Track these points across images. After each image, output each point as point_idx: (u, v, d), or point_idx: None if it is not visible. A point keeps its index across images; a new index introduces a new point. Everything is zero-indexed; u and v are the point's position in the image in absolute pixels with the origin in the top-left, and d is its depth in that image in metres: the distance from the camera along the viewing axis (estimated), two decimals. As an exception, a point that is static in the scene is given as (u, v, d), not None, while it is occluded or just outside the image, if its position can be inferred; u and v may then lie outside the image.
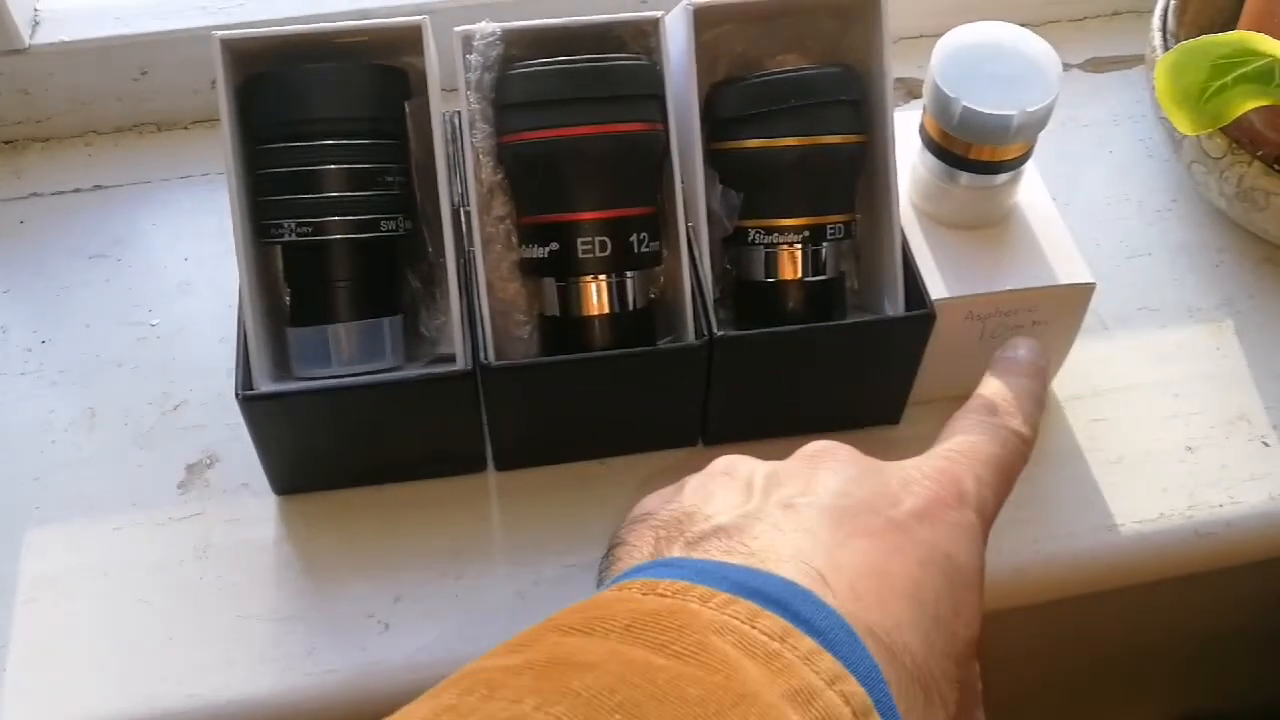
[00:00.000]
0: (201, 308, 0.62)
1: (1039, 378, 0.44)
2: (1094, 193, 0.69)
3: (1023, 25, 0.53)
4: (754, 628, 0.29)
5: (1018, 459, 0.40)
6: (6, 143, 0.68)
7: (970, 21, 0.53)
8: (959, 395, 0.57)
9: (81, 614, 0.51)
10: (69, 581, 0.52)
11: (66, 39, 0.64)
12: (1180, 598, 0.64)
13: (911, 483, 0.37)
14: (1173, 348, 0.61)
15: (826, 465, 0.38)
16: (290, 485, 0.54)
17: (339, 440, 0.53)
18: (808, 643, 0.29)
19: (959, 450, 0.39)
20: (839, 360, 0.53)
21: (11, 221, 0.65)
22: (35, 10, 0.65)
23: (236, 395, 0.48)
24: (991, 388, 0.43)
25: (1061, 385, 0.59)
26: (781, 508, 0.35)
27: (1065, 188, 0.67)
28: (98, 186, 0.67)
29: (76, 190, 0.67)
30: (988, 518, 0.38)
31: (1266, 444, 0.58)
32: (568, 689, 0.26)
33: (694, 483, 0.39)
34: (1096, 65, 0.75)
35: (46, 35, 0.64)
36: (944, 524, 0.36)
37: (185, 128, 0.70)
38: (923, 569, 0.34)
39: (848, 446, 0.39)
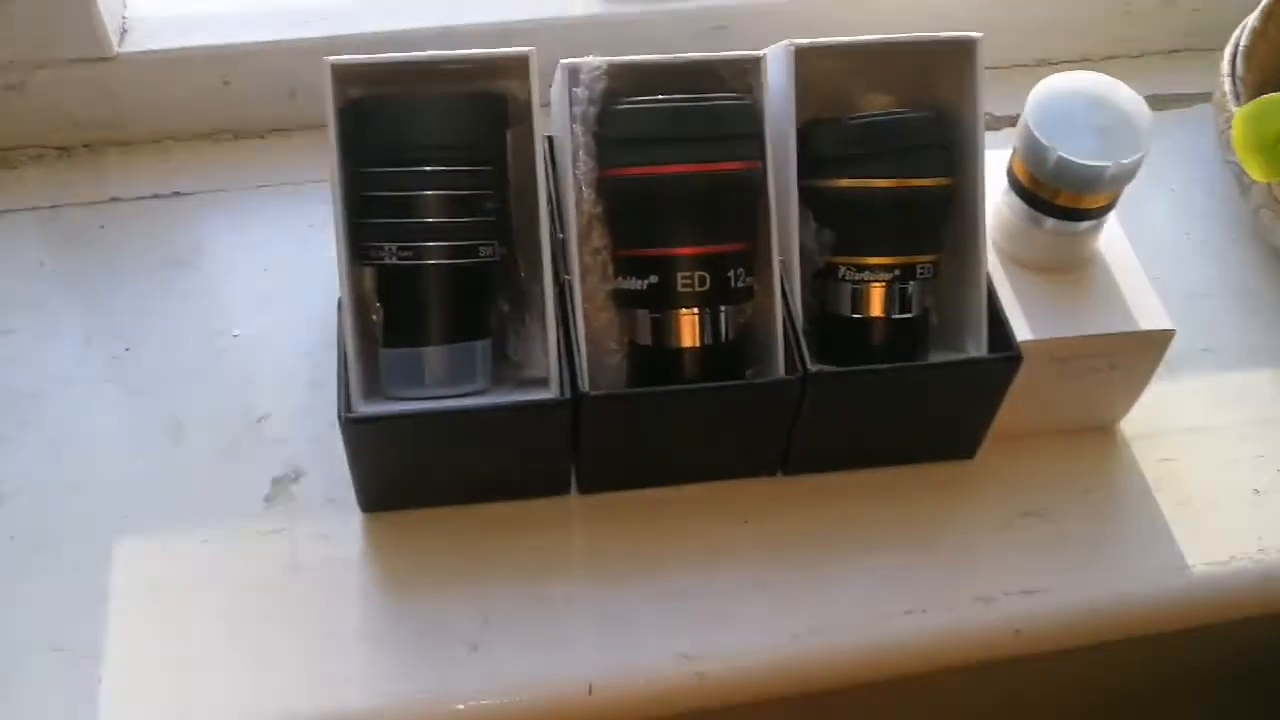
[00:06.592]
0: (281, 319, 0.62)
1: None
2: (1154, 230, 0.69)
3: (1082, 60, 0.54)
4: None
5: None
6: (85, 146, 0.68)
7: (1029, 53, 0.54)
8: (1034, 432, 0.59)
9: (171, 627, 0.52)
10: (159, 593, 0.53)
11: (154, 48, 0.65)
12: (1246, 637, 0.65)
13: None
14: (1235, 390, 0.62)
15: None
16: (379, 503, 0.55)
17: (432, 461, 0.53)
18: None
19: None
20: (925, 397, 0.54)
21: (92, 226, 0.66)
22: (124, 18, 0.66)
23: (339, 418, 0.49)
24: None
25: (1131, 424, 0.60)
26: None
27: (1125, 225, 0.68)
28: (176, 193, 0.67)
29: (156, 196, 0.67)
30: None
31: (1331, 488, 0.59)
32: None
33: None
34: (1156, 103, 0.76)
35: (134, 44, 0.65)
36: None
37: (261, 137, 0.70)
38: None
39: None
